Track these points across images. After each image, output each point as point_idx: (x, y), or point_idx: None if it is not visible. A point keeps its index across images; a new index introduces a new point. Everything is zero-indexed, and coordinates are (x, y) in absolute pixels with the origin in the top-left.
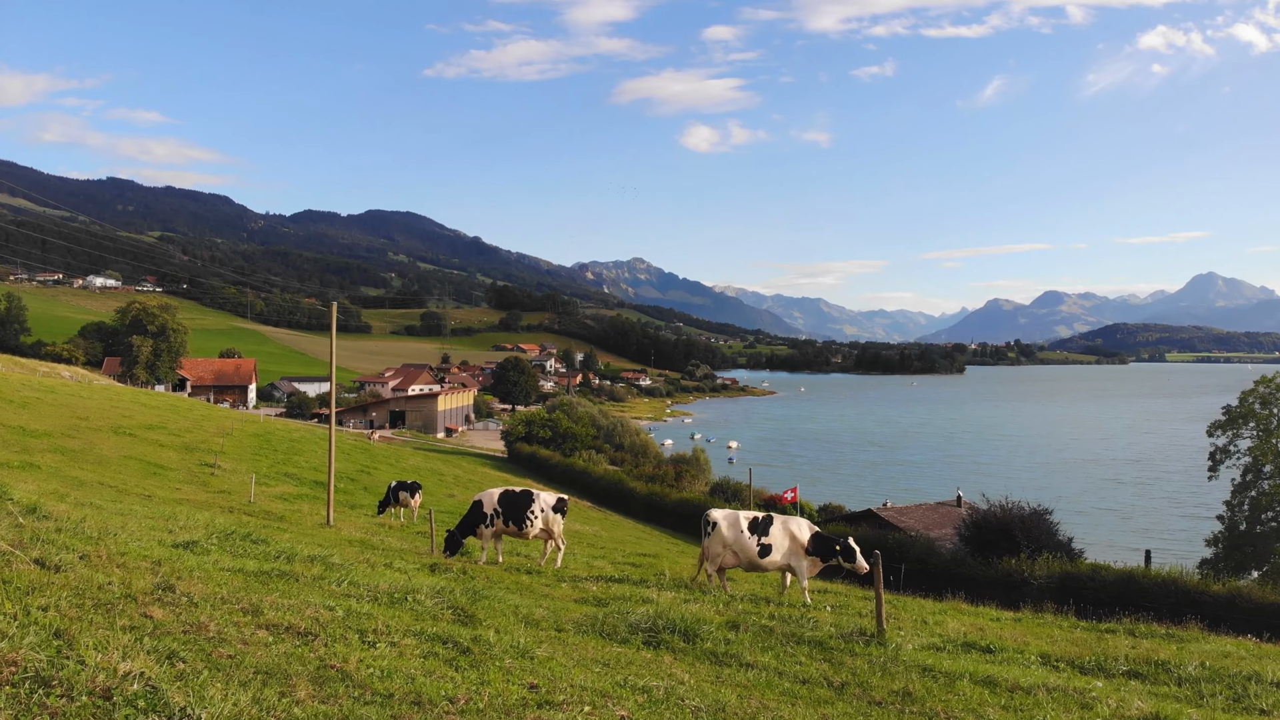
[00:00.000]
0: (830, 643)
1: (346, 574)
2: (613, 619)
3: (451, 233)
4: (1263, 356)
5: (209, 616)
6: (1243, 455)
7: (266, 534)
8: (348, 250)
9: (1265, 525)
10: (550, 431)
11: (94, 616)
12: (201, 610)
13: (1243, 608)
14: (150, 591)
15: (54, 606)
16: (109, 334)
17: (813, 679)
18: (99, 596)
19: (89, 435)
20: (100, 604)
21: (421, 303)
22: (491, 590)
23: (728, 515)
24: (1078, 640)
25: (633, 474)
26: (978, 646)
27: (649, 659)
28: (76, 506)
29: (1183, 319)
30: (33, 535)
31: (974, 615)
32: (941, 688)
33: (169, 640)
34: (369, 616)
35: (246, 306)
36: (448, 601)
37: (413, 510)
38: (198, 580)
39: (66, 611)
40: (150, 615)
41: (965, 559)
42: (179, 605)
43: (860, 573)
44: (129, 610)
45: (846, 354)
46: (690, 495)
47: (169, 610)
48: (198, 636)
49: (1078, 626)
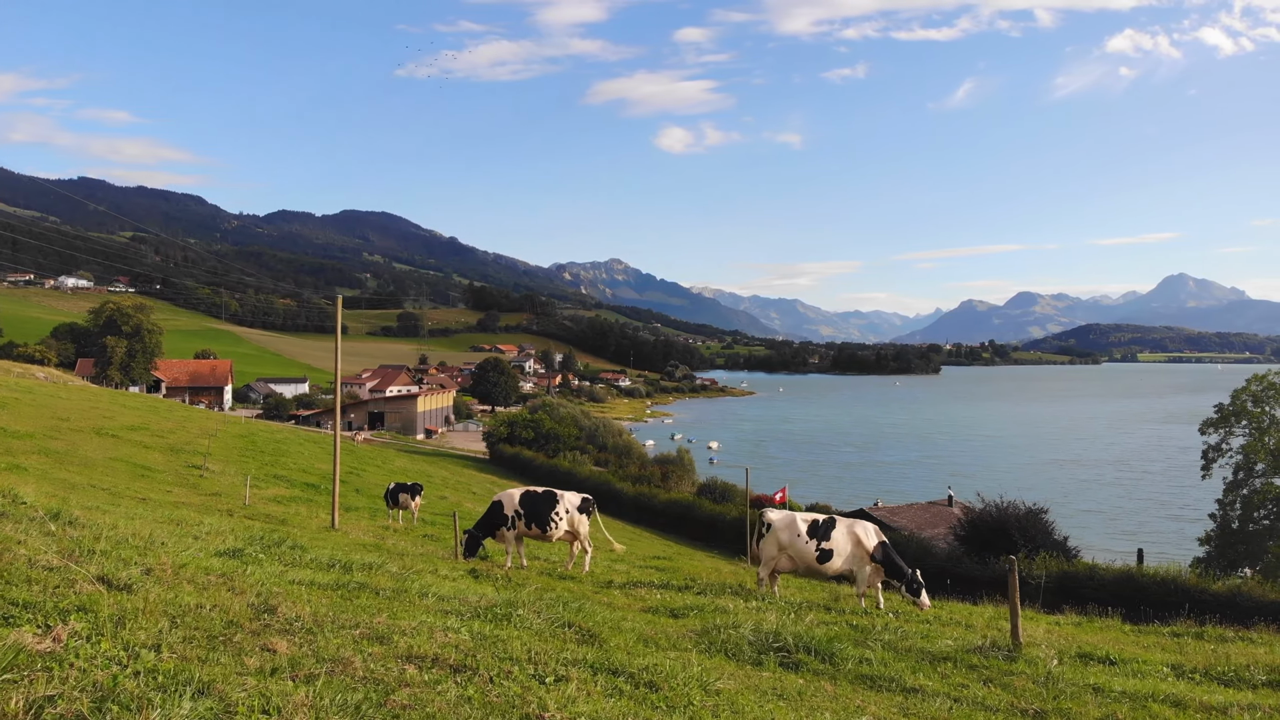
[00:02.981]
0: (966, 658)
1: (418, 585)
2: (727, 636)
3: (427, 233)
4: (1233, 356)
5: (343, 649)
6: (1235, 453)
7: (302, 540)
8: (322, 250)
9: (1258, 523)
10: (533, 433)
11: (218, 657)
12: (326, 640)
13: (1243, 605)
14: (253, 616)
15: (163, 644)
16: (82, 335)
17: (1000, 707)
18: (201, 625)
19: (71, 437)
20: (210, 636)
21: (398, 303)
22: (579, 602)
23: (784, 517)
24: (1167, 646)
25: (619, 475)
26: (1094, 657)
27: (807, 685)
28: (88, 511)
29: (1154, 319)
30: (75, 546)
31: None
32: (1136, 711)
33: (331, 688)
34: (501, 642)
35: (221, 307)
36: (556, 617)
37: (413, 512)
38: (289, 599)
39: (181, 650)
40: (274, 649)
41: (962, 558)
42: (295, 633)
43: (921, 609)
44: (248, 644)
45: (824, 354)
46: (679, 495)
47: (292, 642)
48: (350, 677)
49: (1138, 630)
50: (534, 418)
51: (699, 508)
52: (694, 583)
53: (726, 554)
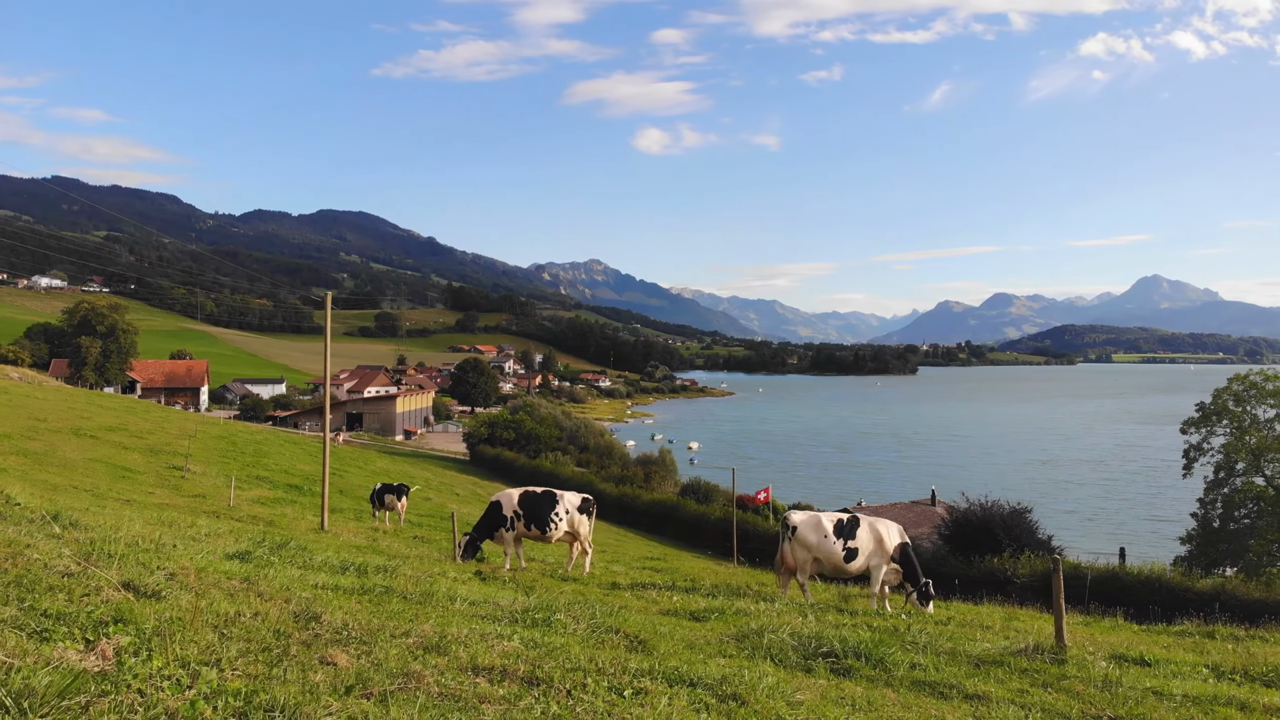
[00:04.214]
0: (1014, 661)
1: (444, 589)
2: (769, 641)
3: (405, 233)
4: (1207, 357)
5: (406, 661)
6: (1216, 452)
7: (304, 542)
8: (299, 250)
9: (1238, 522)
10: (514, 433)
11: (282, 673)
12: (384, 650)
13: (1227, 604)
14: (300, 625)
15: (222, 660)
16: (56, 335)
17: (1071, 715)
18: (250, 637)
19: (49, 437)
20: (264, 649)
21: (375, 303)
22: (609, 606)
23: (809, 519)
24: (1186, 645)
25: (601, 475)
26: (1128, 659)
27: (869, 693)
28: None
29: (1128, 320)
30: (88, 549)
31: (1030, 619)
32: (1207, 716)
33: (415, 708)
34: (560, 650)
35: (196, 307)
36: (597, 623)
37: (399, 513)
38: (324, 605)
39: (243, 667)
40: (334, 661)
41: (947, 558)
42: (348, 643)
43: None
44: (305, 657)
45: (802, 355)
46: (663, 496)
47: (350, 654)
48: (426, 694)
49: (1146, 630)
50: (515, 418)
51: (684, 508)
52: (698, 584)
53: (712, 554)
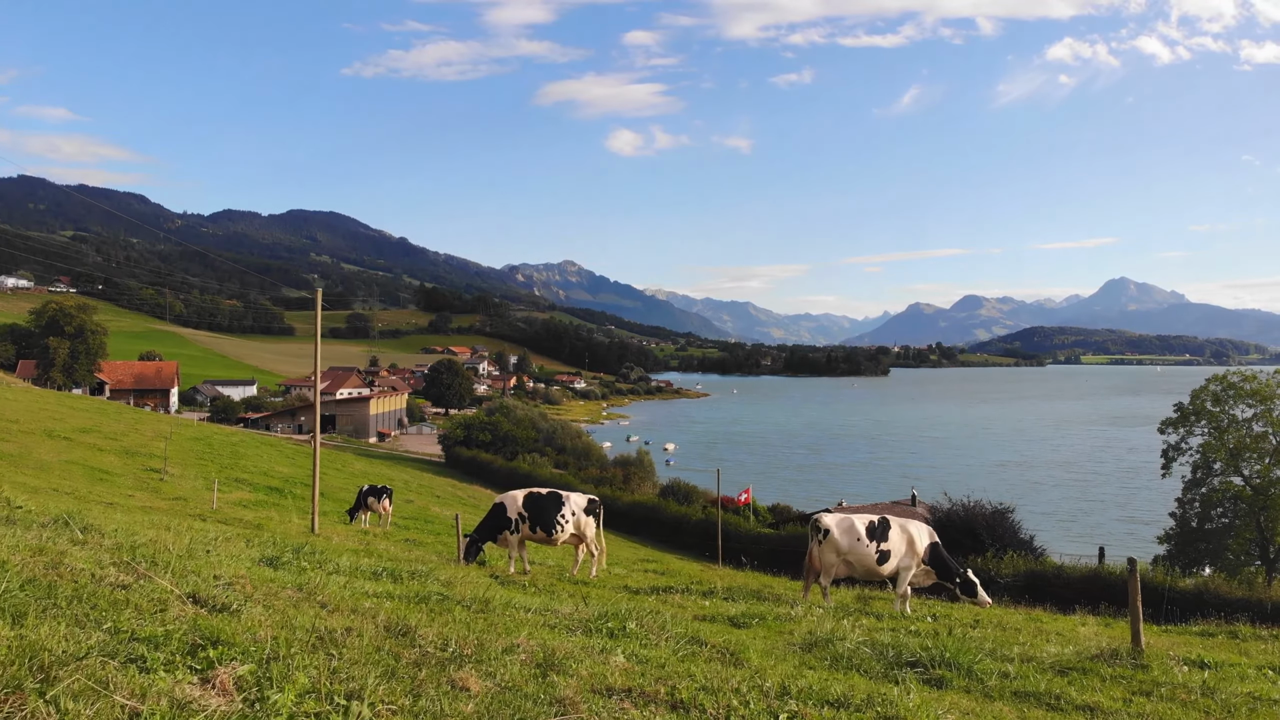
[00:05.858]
0: (1094, 667)
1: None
2: (845, 650)
3: (376, 233)
4: (1174, 359)
5: (538, 683)
6: (1194, 452)
7: (317, 545)
8: (269, 250)
9: (1216, 521)
10: (491, 435)
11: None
12: (505, 669)
13: (1210, 602)
14: (401, 643)
15: (365, 690)
16: (23, 336)
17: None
18: (366, 660)
19: (22, 439)
20: (390, 674)
21: (347, 304)
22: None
23: (841, 521)
24: (1225, 646)
25: (580, 477)
26: (1188, 661)
27: (980, 706)
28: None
29: (1097, 322)
30: (126, 556)
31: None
32: None
33: None
34: (669, 666)
35: (165, 308)
36: (675, 633)
37: (385, 515)
38: (403, 617)
39: (386, 696)
40: (466, 686)
41: None
42: (464, 663)
43: (982, 606)
44: (433, 680)
45: (776, 356)
46: (643, 497)
47: (478, 676)
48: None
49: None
50: (491, 420)
51: (665, 509)
52: (710, 587)
53: (694, 555)
